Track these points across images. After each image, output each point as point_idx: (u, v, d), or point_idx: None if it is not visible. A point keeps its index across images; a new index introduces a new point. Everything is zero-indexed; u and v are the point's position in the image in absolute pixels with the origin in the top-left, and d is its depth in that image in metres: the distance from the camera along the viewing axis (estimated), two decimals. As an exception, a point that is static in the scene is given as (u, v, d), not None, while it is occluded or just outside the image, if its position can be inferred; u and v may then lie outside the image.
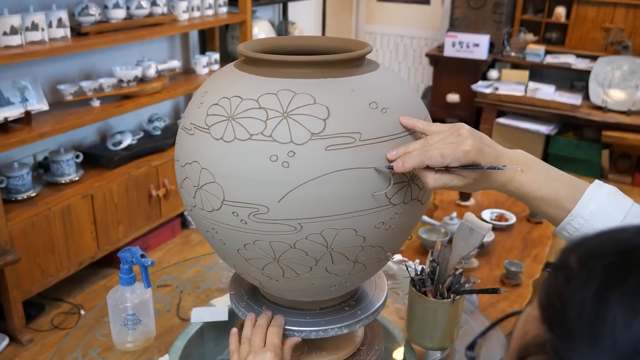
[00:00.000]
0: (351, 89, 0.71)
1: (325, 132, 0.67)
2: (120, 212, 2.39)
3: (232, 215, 0.70)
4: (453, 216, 2.18)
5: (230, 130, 0.69)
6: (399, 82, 0.78)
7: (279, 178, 0.67)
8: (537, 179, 0.67)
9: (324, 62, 0.72)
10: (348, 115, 0.68)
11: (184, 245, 2.75)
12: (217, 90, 0.74)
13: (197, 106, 0.75)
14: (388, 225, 0.73)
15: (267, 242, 0.71)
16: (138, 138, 2.64)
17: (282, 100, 0.68)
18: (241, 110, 0.69)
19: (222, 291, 1.20)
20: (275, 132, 0.67)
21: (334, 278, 0.77)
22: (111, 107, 2.39)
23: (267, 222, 0.69)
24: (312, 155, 0.66)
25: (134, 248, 0.98)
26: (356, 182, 0.68)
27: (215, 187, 0.70)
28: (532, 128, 3.72)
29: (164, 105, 2.97)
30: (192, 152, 0.73)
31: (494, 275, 1.97)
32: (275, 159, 0.67)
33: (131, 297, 0.99)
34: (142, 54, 2.75)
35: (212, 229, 0.74)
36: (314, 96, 0.68)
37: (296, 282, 0.77)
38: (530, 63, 4.01)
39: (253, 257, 0.74)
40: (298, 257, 0.72)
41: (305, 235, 0.70)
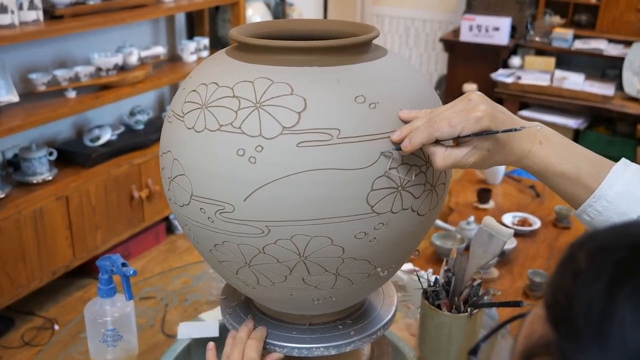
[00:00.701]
0: (337, 79, 0.70)
1: (298, 127, 0.67)
2: (98, 216, 2.39)
3: (200, 211, 0.72)
4: (470, 220, 2.18)
5: (202, 120, 0.70)
6: (407, 71, 0.77)
7: (245, 174, 0.67)
8: (558, 152, 0.67)
9: (309, 49, 0.71)
10: (327, 108, 0.68)
11: (169, 252, 2.75)
12: (199, 76, 0.75)
13: (179, 92, 0.77)
14: (372, 237, 0.71)
15: (235, 244, 0.72)
16: (118, 133, 2.64)
17: (257, 89, 0.69)
18: (215, 98, 0.70)
19: (212, 304, 1.20)
20: (245, 123, 0.68)
21: (314, 291, 0.77)
22: (88, 99, 2.39)
23: (234, 222, 0.70)
24: (282, 151, 0.67)
25: (114, 256, 0.99)
26: (330, 184, 0.67)
27: (184, 180, 0.72)
28: (558, 122, 3.72)
29: (147, 97, 2.98)
30: (168, 141, 0.75)
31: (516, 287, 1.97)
32: (242, 154, 0.67)
33: (111, 310, 0.99)
34: (122, 40, 2.75)
35: (185, 225, 0.77)
36: (292, 86, 0.68)
37: (273, 291, 0.78)
38: (557, 49, 4.00)
39: (225, 260, 0.76)
40: (269, 263, 0.73)
41: (273, 240, 0.70)
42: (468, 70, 4.19)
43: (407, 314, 1.17)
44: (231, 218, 0.70)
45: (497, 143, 0.66)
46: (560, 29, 4.02)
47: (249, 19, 3.32)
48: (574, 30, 4.01)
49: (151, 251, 2.75)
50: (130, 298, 0.99)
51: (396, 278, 1.26)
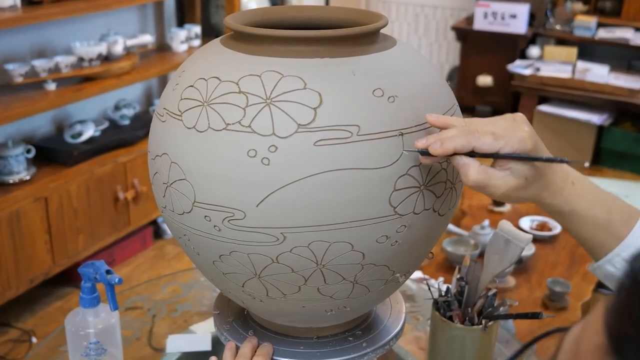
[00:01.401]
0: (352, 72, 0.70)
1: (315, 124, 0.67)
2: (80, 219, 2.40)
3: (205, 219, 0.71)
4: (485, 225, 2.18)
5: (204, 118, 0.69)
6: (418, 62, 0.78)
7: (258, 177, 0.67)
8: (589, 196, 0.67)
9: (320, 39, 0.72)
10: (344, 104, 0.68)
11: (157, 259, 2.75)
12: (195, 70, 0.74)
13: (172, 88, 0.76)
14: (394, 240, 0.72)
15: (244, 254, 0.71)
16: (102, 129, 2.64)
17: (266, 83, 0.68)
18: (218, 95, 0.69)
19: (203, 315, 1.20)
20: (256, 121, 0.67)
21: (329, 301, 0.77)
22: (69, 91, 2.39)
23: (244, 230, 0.69)
24: (298, 151, 0.66)
25: (97, 262, 0.99)
26: (351, 185, 0.67)
27: (185, 185, 0.71)
28: (581, 117, 3.72)
29: (133, 89, 2.98)
30: (163, 142, 0.74)
31: (534, 297, 1.97)
32: (254, 155, 0.67)
33: (94, 321, 1.00)
34: (107, 27, 2.76)
35: (184, 235, 0.76)
36: (305, 80, 0.68)
37: (283, 304, 0.77)
38: (579, 38, 4.00)
39: (231, 272, 0.75)
40: (282, 273, 0.72)
41: (289, 248, 0.70)
42: (482, 62, 4.19)
43: (416, 326, 1.17)
44: (241, 226, 0.69)
45: (536, 172, 0.66)
46: (582, 16, 4.02)
47: (245, 6, 3.32)
48: (597, 17, 4.01)
49: (137, 257, 2.75)
50: (115, 308, 0.99)
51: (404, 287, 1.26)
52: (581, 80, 3.77)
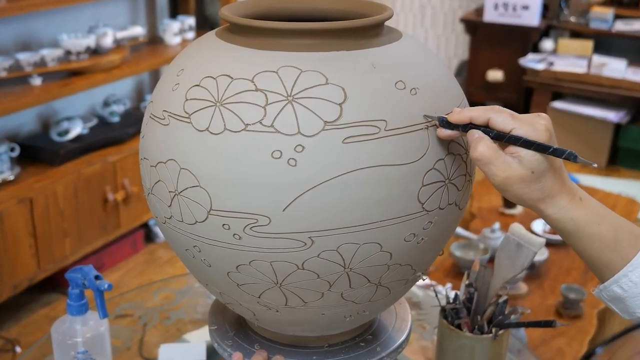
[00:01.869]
0: (372, 64, 0.71)
1: (341, 120, 0.67)
2: (67, 221, 2.40)
3: (222, 228, 0.70)
4: (495, 228, 2.18)
5: (219, 119, 0.69)
6: (426, 55, 0.79)
7: (284, 180, 0.67)
8: (597, 213, 0.68)
9: (336, 31, 0.72)
10: (370, 98, 0.69)
11: (148, 263, 2.76)
12: (197, 68, 0.74)
13: (171, 88, 0.75)
14: (420, 238, 0.74)
15: (267, 263, 0.71)
16: (90, 126, 2.65)
17: (284, 79, 0.68)
18: (232, 94, 0.69)
19: (197, 323, 1.20)
20: (278, 120, 0.67)
21: (350, 306, 0.78)
22: (56, 87, 2.39)
23: (269, 237, 0.69)
24: (326, 149, 0.67)
25: (85, 267, 0.99)
26: (381, 182, 0.69)
27: (199, 193, 0.70)
28: (597, 115, 3.72)
29: (123, 85, 2.98)
30: (168, 147, 0.72)
31: (547, 304, 1.97)
32: (279, 156, 0.67)
33: (82, 330, 1.00)
34: (95, 19, 2.76)
35: (194, 246, 0.74)
36: (326, 74, 0.69)
37: (302, 313, 0.77)
38: (595, 31, 4.00)
39: (248, 282, 0.75)
40: (307, 280, 0.72)
41: (317, 253, 0.70)
42: (493, 55, 4.19)
43: (422, 335, 1.17)
44: (266, 232, 0.69)
45: (544, 169, 0.67)
46: (599, 7, 4.02)
47: (241, -4, 3.32)
48: (614, 9, 4.01)
49: (128, 262, 2.75)
50: (105, 316, 0.99)
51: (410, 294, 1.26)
52: (597, 75, 3.77)
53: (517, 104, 4.18)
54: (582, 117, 3.79)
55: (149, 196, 0.77)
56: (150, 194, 0.77)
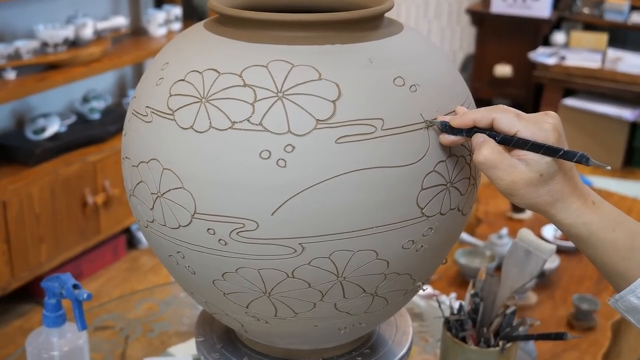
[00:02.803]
0: (369, 59, 0.71)
1: (335, 119, 0.67)
2: (43, 226, 2.39)
3: (207, 233, 0.70)
4: (503, 234, 2.19)
5: (204, 117, 0.69)
6: (429, 49, 0.79)
7: (273, 182, 0.67)
8: (612, 217, 0.68)
9: (331, 23, 0.72)
10: (366, 95, 0.69)
11: (131, 271, 2.75)
12: (182, 61, 0.74)
13: (155, 83, 0.75)
14: (419, 245, 0.74)
15: (254, 270, 0.71)
16: (69, 123, 2.64)
17: (275, 75, 0.68)
18: (218, 89, 0.69)
19: (183, 335, 1.20)
20: (267, 118, 0.67)
21: (345, 318, 0.78)
22: (32, 81, 2.39)
23: (256, 243, 0.69)
24: (318, 150, 0.67)
25: (63, 275, 0.99)
26: (377, 185, 0.69)
27: (182, 195, 0.70)
28: (611, 113, 3.73)
29: (104, 79, 2.98)
30: (150, 146, 0.73)
31: (558, 315, 1.98)
32: (268, 156, 0.67)
33: (60, 343, 1.00)
34: (74, 8, 2.76)
35: (177, 252, 0.75)
36: (319, 69, 0.69)
37: (293, 324, 0.77)
38: (610, 23, 4.02)
39: (235, 291, 0.75)
40: (297, 289, 0.72)
41: (308, 260, 0.70)
42: (501, 49, 4.20)
43: (424, 348, 1.17)
44: (253, 238, 0.69)
45: (554, 172, 0.67)
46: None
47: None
48: (631, 0, 4.02)
49: (109, 270, 2.75)
50: (84, 328, 0.99)
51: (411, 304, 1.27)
52: (612, 70, 3.78)
53: (527, 101, 4.19)
54: (595, 116, 3.80)
55: (131, 198, 0.77)
56: (132, 195, 0.77)
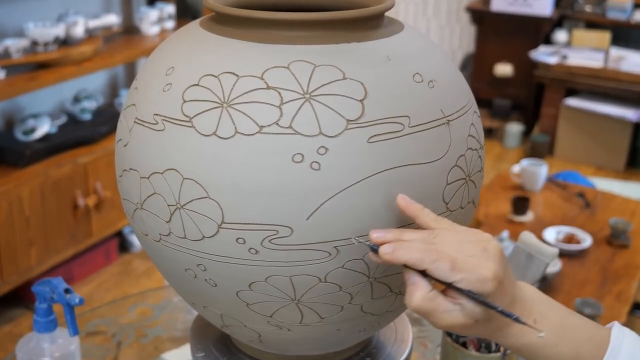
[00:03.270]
0: (386, 56, 0.72)
1: (364, 118, 0.68)
2: (33, 229, 2.39)
3: (236, 243, 0.69)
4: (504, 237, 2.19)
5: (228, 122, 0.68)
6: (432, 47, 0.79)
7: (308, 185, 0.67)
8: (555, 332, 0.68)
9: (334, 22, 0.72)
10: (390, 93, 0.70)
11: (123, 275, 2.75)
12: (191, 65, 0.73)
13: (161, 89, 0.73)
14: None
15: (286, 278, 0.71)
16: (59, 124, 2.64)
17: (298, 76, 0.68)
18: (240, 93, 0.68)
19: (177, 341, 1.20)
20: (297, 121, 0.67)
21: (368, 319, 0.78)
22: (21, 80, 2.38)
23: (290, 249, 0.69)
24: (351, 150, 0.67)
25: (54, 279, 0.99)
26: (408, 183, 0.70)
27: (208, 205, 0.69)
28: (614, 113, 3.74)
29: (96, 78, 2.98)
30: (165, 156, 0.71)
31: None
32: (301, 159, 0.67)
33: (51, 348, 0.99)
34: (65, 6, 2.76)
35: (198, 265, 0.73)
36: (342, 69, 0.69)
37: (316, 330, 0.77)
38: (613, 22, 4.03)
39: (260, 301, 0.74)
40: (327, 294, 0.72)
41: (342, 263, 0.70)
42: (501, 48, 4.21)
43: (424, 354, 1.17)
44: (287, 244, 0.69)
45: (489, 316, 0.66)
46: (616, -4, 4.05)
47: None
48: (634, -3, 4.04)
49: (100, 274, 2.74)
50: (75, 333, 0.99)
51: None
52: (615, 69, 3.79)
53: (528, 101, 4.20)
54: (598, 116, 3.80)
55: (138, 212, 0.75)
56: (140, 209, 0.75)
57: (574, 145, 3.93)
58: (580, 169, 3.60)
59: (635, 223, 2.46)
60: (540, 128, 4.09)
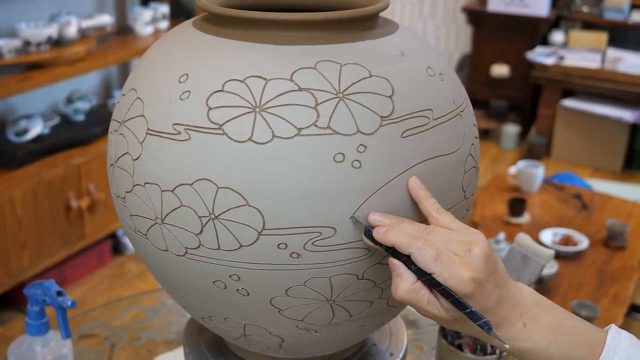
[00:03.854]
0: (401, 51, 0.75)
1: (396, 114, 0.70)
2: (25, 231, 2.39)
3: (277, 248, 0.69)
4: (500, 238, 2.19)
5: (264, 127, 0.67)
6: (427, 46, 0.81)
7: (350, 184, 0.68)
8: (546, 335, 0.68)
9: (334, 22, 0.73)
10: (414, 87, 0.72)
11: (116, 278, 2.75)
12: (208, 70, 0.71)
13: (178, 97, 0.71)
14: None
15: (325, 279, 0.71)
16: (52, 125, 2.64)
17: (328, 76, 0.69)
18: (272, 96, 0.68)
19: (171, 344, 1.20)
20: (335, 120, 0.67)
21: (390, 312, 0.81)
22: (13, 81, 2.38)
23: (332, 250, 0.69)
24: (388, 146, 0.69)
25: (46, 282, 0.98)
26: (437, 174, 0.73)
27: (247, 213, 0.68)
28: (611, 114, 3.75)
29: (89, 79, 2.97)
30: (194, 166, 0.69)
31: (557, 323, 1.98)
32: (342, 159, 0.67)
33: (43, 352, 0.99)
34: (58, 6, 2.75)
35: (231, 275, 0.72)
36: (366, 67, 0.70)
37: (342, 329, 0.78)
38: (610, 22, 4.04)
39: (294, 305, 0.73)
40: (362, 290, 0.73)
41: (379, 259, 0.72)
42: (498, 49, 4.22)
43: (419, 356, 1.17)
44: (330, 245, 0.69)
45: (465, 317, 0.67)
46: (613, -4, 4.06)
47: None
48: (631, -2, 4.05)
49: (94, 276, 2.74)
50: (68, 336, 0.99)
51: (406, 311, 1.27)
52: (612, 70, 3.80)
53: (524, 102, 4.21)
54: (595, 117, 3.81)
55: (155, 227, 0.73)
56: (161, 224, 0.73)
57: (571, 147, 3.93)
58: (577, 171, 3.61)
59: (632, 225, 2.47)
60: (536, 129, 4.10)
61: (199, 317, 0.83)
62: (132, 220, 0.76)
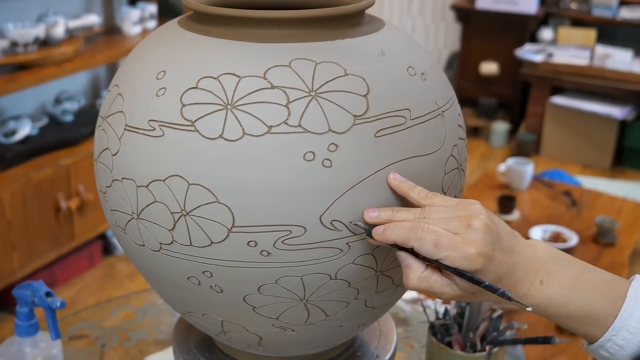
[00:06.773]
0: (381, 50, 0.74)
1: (370, 113, 0.69)
2: (14, 233, 2.38)
3: (247, 246, 0.69)
4: (490, 236, 2.20)
5: (234, 124, 0.68)
6: (414, 43, 0.81)
7: (320, 183, 0.68)
8: (563, 292, 0.68)
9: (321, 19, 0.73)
10: (391, 86, 0.72)
11: (106, 278, 2.74)
12: (184, 67, 0.72)
13: (154, 93, 0.72)
14: None
15: (297, 278, 0.71)
16: (40, 126, 2.63)
17: (301, 73, 0.69)
18: (244, 93, 0.68)
19: (161, 344, 1.20)
20: (306, 119, 0.67)
21: (369, 313, 0.80)
22: (1, 82, 2.37)
23: (303, 249, 0.69)
24: (360, 146, 0.69)
25: (35, 283, 0.99)
26: (413, 175, 0.72)
27: (217, 210, 0.69)
28: (600, 111, 3.76)
29: (77, 79, 2.97)
30: (166, 162, 0.70)
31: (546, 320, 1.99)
32: (312, 157, 0.67)
33: (32, 352, 0.99)
34: (45, 6, 2.74)
35: (204, 272, 0.73)
36: (342, 65, 0.70)
37: (320, 328, 0.78)
38: (599, 19, 4.05)
39: (268, 303, 0.74)
40: (336, 290, 0.73)
41: (352, 259, 0.71)
42: (487, 46, 4.23)
43: (409, 354, 1.18)
44: (300, 244, 0.69)
45: (483, 290, 0.67)
46: (601, -7, 4.07)
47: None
48: (619, -5, 4.06)
49: (83, 277, 2.74)
50: (57, 337, 0.99)
51: (396, 309, 1.27)
52: (601, 67, 3.82)
53: (514, 100, 4.22)
54: (584, 114, 3.83)
55: (132, 222, 0.74)
56: (137, 219, 0.73)
57: (560, 144, 3.95)
58: (566, 168, 3.63)
59: (621, 221, 2.48)
60: (526, 127, 4.11)
61: (180, 312, 0.84)
62: (112, 214, 0.77)
